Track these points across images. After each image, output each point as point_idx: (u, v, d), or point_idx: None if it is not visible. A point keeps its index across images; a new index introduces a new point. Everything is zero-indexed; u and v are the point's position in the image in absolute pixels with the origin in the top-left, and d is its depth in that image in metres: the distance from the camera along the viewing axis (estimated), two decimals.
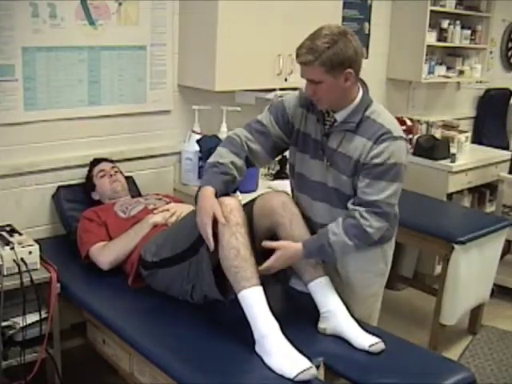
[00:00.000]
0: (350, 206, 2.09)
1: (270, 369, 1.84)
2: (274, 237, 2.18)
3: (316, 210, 2.21)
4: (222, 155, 2.13)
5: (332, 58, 1.92)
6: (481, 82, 5.06)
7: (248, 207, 2.22)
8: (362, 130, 2.05)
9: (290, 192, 2.34)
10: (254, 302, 1.92)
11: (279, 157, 3.39)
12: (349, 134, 2.07)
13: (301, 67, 2.00)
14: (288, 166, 2.37)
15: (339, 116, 2.08)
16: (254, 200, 2.25)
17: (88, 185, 2.83)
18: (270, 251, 2.20)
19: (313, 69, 1.94)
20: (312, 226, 2.21)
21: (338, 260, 2.18)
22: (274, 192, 2.32)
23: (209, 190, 2.04)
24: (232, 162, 2.11)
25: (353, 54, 1.95)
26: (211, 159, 2.14)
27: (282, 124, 2.20)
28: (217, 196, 2.04)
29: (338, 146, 2.09)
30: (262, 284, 1.96)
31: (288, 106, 2.21)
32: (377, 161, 2.00)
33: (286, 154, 3.45)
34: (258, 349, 1.90)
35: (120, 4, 2.85)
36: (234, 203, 2.03)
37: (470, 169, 4.23)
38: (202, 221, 1.99)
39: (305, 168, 2.21)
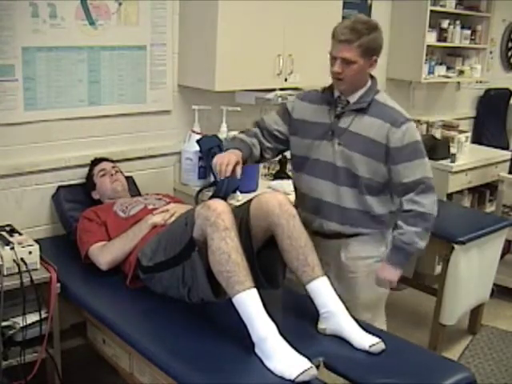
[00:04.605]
0: (399, 199, 2.26)
1: (270, 371, 1.84)
2: (272, 237, 2.17)
3: (321, 188, 2.32)
4: (236, 135, 2.45)
5: (369, 42, 2.14)
6: (481, 82, 5.06)
7: (244, 208, 2.22)
8: (372, 111, 2.23)
9: (289, 192, 2.33)
10: (249, 304, 1.90)
11: (279, 157, 3.39)
12: (360, 114, 2.24)
13: (337, 45, 2.15)
14: (290, 154, 2.52)
15: (352, 98, 2.26)
16: (250, 201, 2.24)
17: (88, 184, 2.83)
18: (268, 251, 2.20)
19: (351, 48, 2.13)
20: (316, 204, 2.34)
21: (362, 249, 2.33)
22: (269, 192, 2.31)
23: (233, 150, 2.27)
24: (246, 138, 2.41)
25: (382, 44, 2.22)
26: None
27: (282, 116, 2.43)
28: (243, 159, 2.26)
29: (349, 126, 2.25)
30: (256, 287, 1.94)
31: (289, 105, 2.44)
32: (403, 143, 2.18)
33: (286, 154, 3.44)
34: (257, 351, 1.90)
35: (120, 4, 2.85)
36: (221, 207, 2.00)
37: (470, 169, 4.23)
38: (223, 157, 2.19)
39: (308, 151, 2.34)
